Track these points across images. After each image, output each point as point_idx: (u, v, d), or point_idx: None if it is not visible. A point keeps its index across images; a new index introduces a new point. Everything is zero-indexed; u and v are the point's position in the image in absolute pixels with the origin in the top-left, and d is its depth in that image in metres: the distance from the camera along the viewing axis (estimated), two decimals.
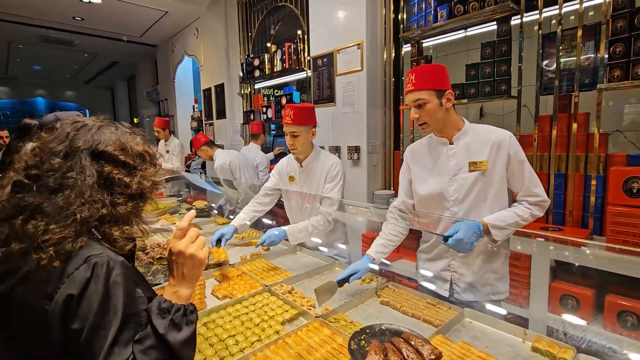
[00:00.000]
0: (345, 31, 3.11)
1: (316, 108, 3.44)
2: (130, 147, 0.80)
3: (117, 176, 0.75)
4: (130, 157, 0.79)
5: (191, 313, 0.74)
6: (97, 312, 0.64)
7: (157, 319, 0.69)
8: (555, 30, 2.20)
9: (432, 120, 1.40)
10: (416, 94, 1.37)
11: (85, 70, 10.37)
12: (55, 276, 0.66)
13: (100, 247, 0.71)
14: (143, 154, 0.82)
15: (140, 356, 0.65)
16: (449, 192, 1.45)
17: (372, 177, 3.13)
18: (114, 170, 0.75)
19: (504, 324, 1.25)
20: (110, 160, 0.76)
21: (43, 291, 0.65)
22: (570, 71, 2.23)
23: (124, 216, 0.76)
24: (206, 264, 0.83)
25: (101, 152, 0.75)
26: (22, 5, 5.28)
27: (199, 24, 5.72)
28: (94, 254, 0.68)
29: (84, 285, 0.65)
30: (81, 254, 0.68)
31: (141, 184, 0.78)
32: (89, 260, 0.67)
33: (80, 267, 0.66)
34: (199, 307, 1.45)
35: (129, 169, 0.78)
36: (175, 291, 0.76)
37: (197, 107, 6.57)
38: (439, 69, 1.41)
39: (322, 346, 1.17)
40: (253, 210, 2.09)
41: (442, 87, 1.38)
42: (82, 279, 0.65)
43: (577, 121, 2.11)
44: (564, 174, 2.18)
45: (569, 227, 2.15)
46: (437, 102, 1.37)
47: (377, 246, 1.60)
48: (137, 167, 0.79)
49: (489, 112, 3.71)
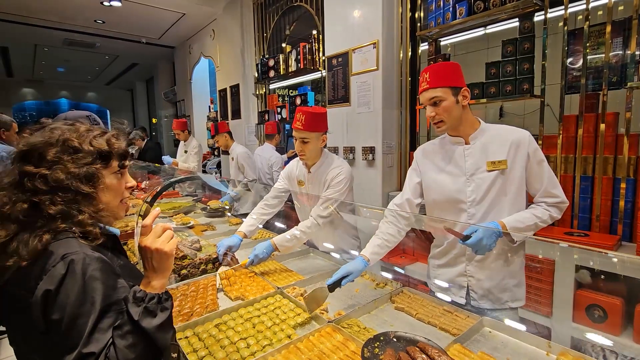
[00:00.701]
0: (360, 30, 3.06)
1: (330, 108, 3.46)
2: (52, 144, 0.83)
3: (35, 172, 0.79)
4: (51, 152, 0.82)
5: (165, 300, 0.81)
6: (74, 303, 0.71)
7: (132, 307, 0.76)
8: (581, 26, 2.10)
9: (449, 117, 1.35)
10: (431, 92, 1.33)
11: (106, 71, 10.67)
12: (36, 272, 0.73)
13: (78, 244, 0.78)
14: (67, 147, 0.84)
15: (118, 340, 0.72)
16: (466, 193, 1.39)
17: (387, 178, 3.08)
18: (29, 168, 0.80)
19: (527, 335, 1.19)
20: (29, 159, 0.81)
21: (26, 285, 0.73)
22: (597, 69, 2.13)
23: (67, 209, 0.80)
24: (173, 256, 0.87)
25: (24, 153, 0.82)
26: (48, 10, 5.47)
27: (215, 25, 5.78)
28: (70, 252, 0.75)
29: (60, 280, 0.72)
30: (58, 252, 0.74)
31: (68, 174, 0.81)
32: (65, 258, 0.74)
33: (57, 264, 0.73)
34: (211, 309, 1.45)
35: (50, 163, 0.81)
36: (149, 282, 0.83)
37: (213, 107, 6.65)
38: (453, 66, 1.36)
39: (335, 352, 1.14)
40: (261, 214, 2.07)
41: (457, 84, 1.33)
42: (58, 275, 0.72)
43: (605, 121, 2.01)
44: (590, 177, 2.08)
45: (595, 233, 2.04)
46: (454, 99, 1.33)
47: (372, 246, 1.53)
48: (57, 160, 0.81)
49: (509, 112, 3.59)
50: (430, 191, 1.50)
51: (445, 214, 1.47)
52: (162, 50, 7.83)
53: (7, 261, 0.73)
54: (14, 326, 0.81)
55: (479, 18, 2.44)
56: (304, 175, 2.06)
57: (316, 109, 1.91)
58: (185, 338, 1.25)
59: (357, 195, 3.20)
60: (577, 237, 1.97)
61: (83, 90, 13.07)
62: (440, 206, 1.48)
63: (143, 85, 12.11)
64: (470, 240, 1.21)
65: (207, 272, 1.82)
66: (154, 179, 4.16)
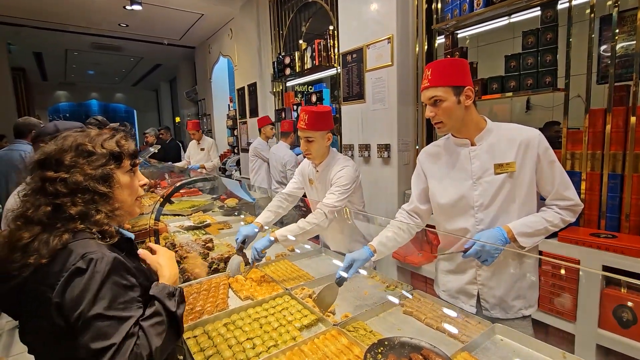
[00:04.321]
0: (375, 25, 3.00)
1: (345, 105, 3.42)
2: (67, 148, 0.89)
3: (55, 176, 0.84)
4: (67, 156, 0.87)
5: (180, 294, 0.92)
6: (92, 300, 0.75)
7: (167, 300, 0.86)
8: (610, 12, 1.95)
9: (448, 119, 1.28)
10: (431, 91, 1.26)
11: (132, 73, 11.08)
12: (57, 269, 0.78)
13: (96, 244, 0.82)
14: (81, 151, 0.89)
15: (149, 330, 0.79)
16: (473, 198, 1.32)
17: (403, 176, 3.02)
18: (49, 173, 0.85)
19: (541, 344, 1.13)
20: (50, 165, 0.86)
21: (47, 281, 0.78)
22: (629, 57, 1.97)
23: (85, 210, 0.85)
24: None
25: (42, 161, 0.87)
26: (76, 16, 5.74)
27: (233, 25, 5.85)
28: (89, 251, 0.79)
29: (80, 277, 0.76)
30: (78, 251, 0.79)
31: (85, 175, 0.86)
32: (84, 257, 0.78)
33: (77, 262, 0.77)
34: (221, 308, 1.48)
35: (68, 168, 0.86)
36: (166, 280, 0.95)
37: (232, 106, 6.76)
38: (458, 63, 1.29)
39: (338, 356, 1.13)
40: (277, 207, 2.07)
41: (460, 83, 1.25)
42: (79, 273, 0.77)
43: (636, 114, 1.87)
44: (619, 175, 1.95)
45: (624, 234, 1.92)
46: (455, 99, 1.25)
47: (381, 237, 1.47)
48: (74, 164, 0.86)
49: (536, 105, 3.42)
50: (436, 196, 1.43)
51: (452, 219, 1.40)
52: (183, 51, 8.03)
53: (29, 259, 0.78)
54: (32, 323, 0.85)
55: (498, 8, 2.32)
56: (313, 174, 2.06)
57: (320, 107, 1.89)
58: (193, 337, 1.29)
59: (373, 194, 3.17)
60: (604, 238, 1.86)
61: (111, 91, 13.65)
62: (446, 211, 1.42)
63: (167, 85, 12.48)
64: (469, 252, 1.16)
65: (218, 271, 1.86)
66: (174, 177, 4.29)
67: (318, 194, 2.06)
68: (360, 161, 3.28)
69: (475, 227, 1.33)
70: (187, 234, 2.54)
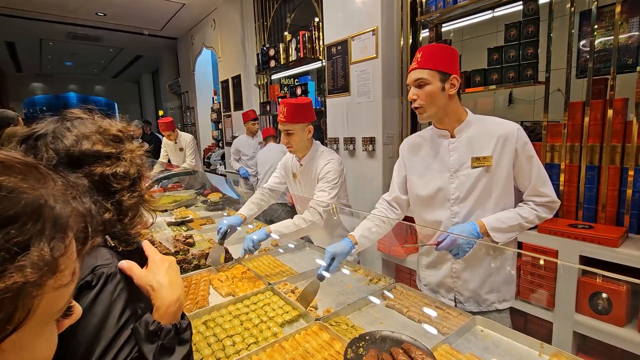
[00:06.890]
0: (359, 16, 2.97)
1: (330, 98, 3.39)
2: (103, 135, 0.73)
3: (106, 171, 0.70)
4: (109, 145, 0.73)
5: (184, 331, 0.69)
6: (97, 323, 0.61)
7: (145, 344, 0.64)
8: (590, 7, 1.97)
9: (430, 104, 1.26)
10: (418, 73, 1.25)
11: (112, 64, 10.71)
12: None
13: (109, 254, 0.68)
14: (117, 135, 0.75)
15: None
16: (450, 190, 1.32)
17: (388, 169, 3.01)
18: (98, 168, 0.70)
19: (520, 335, 1.15)
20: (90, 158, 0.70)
21: None
22: (607, 52, 2.01)
23: (131, 208, 0.73)
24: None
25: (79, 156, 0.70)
26: (50, 4, 5.46)
27: (216, 15, 5.70)
28: (101, 264, 0.65)
29: (87, 294, 0.62)
30: (89, 263, 0.65)
31: (134, 166, 0.74)
32: (95, 271, 0.64)
33: (86, 277, 0.63)
34: (201, 305, 1.44)
35: (114, 157, 0.72)
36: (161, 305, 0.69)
37: (217, 98, 6.63)
38: (449, 50, 1.27)
39: (319, 352, 1.12)
40: (260, 199, 2.04)
41: (448, 69, 1.24)
42: (87, 288, 0.63)
43: (613, 107, 1.90)
44: (597, 167, 1.99)
45: (601, 225, 1.96)
46: (440, 85, 1.24)
47: (362, 229, 1.45)
48: (120, 152, 0.73)
49: (518, 99, 3.47)
50: (414, 187, 1.43)
51: (429, 211, 1.40)
52: (165, 42, 7.79)
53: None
54: None
55: (482, 1, 2.32)
56: (297, 167, 2.03)
57: (299, 100, 1.86)
58: None
59: (358, 187, 3.16)
60: (581, 229, 1.90)
61: (91, 83, 13.19)
62: (423, 202, 1.41)
63: (149, 77, 12.14)
64: (441, 246, 1.16)
65: (200, 267, 1.82)
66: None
67: (302, 188, 2.04)
68: (345, 154, 3.27)
69: (450, 220, 1.34)
70: (168, 229, 2.48)
